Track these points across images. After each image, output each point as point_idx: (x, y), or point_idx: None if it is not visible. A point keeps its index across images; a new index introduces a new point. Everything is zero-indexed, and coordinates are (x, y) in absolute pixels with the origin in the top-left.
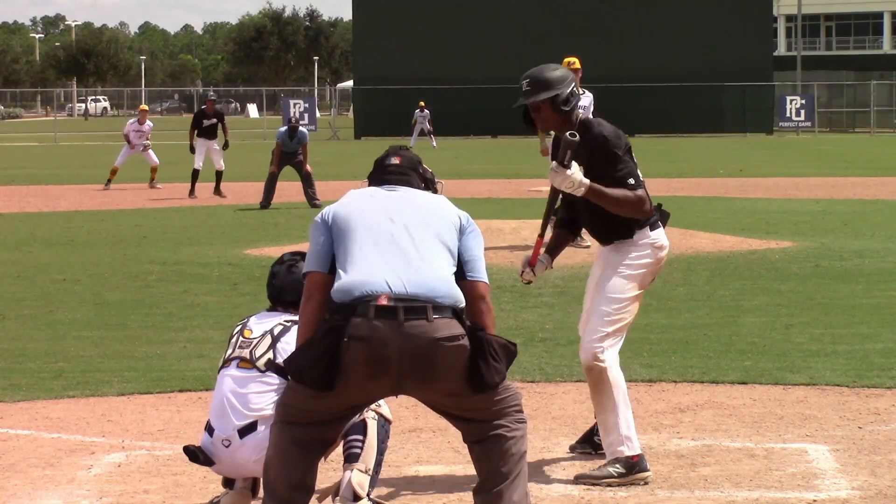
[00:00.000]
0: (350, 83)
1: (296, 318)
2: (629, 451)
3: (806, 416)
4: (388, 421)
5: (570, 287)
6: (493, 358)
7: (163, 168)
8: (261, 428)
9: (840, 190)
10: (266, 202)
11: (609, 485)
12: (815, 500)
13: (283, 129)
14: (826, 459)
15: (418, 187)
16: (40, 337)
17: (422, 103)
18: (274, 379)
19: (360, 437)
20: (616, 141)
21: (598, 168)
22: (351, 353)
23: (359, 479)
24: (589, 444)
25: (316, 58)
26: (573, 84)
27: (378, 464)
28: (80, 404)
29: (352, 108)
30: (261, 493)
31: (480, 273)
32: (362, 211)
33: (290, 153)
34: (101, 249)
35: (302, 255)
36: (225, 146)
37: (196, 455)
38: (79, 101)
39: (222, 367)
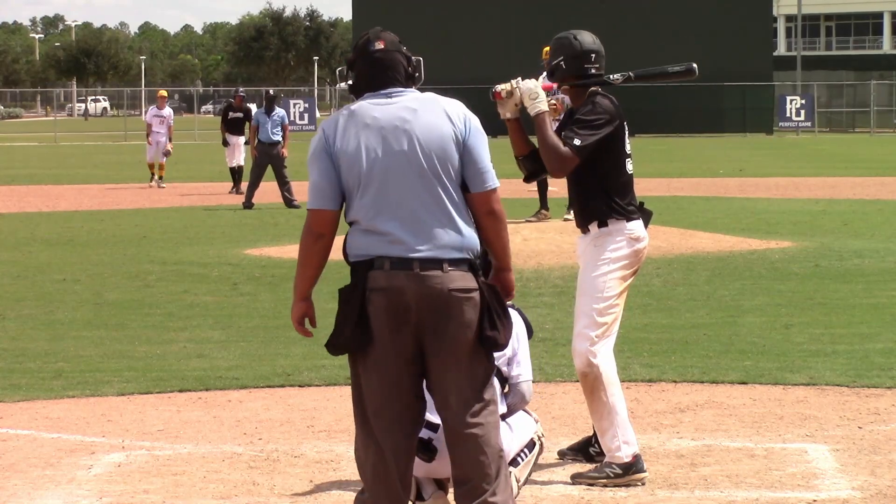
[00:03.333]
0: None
1: None
2: (625, 452)
3: (806, 416)
4: (542, 446)
5: (569, 287)
6: (497, 316)
7: (167, 167)
8: None
9: (840, 190)
10: (249, 203)
11: (605, 485)
12: (815, 500)
13: (261, 108)
14: (826, 459)
15: (403, 72)
16: (40, 337)
17: None
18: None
19: (528, 452)
20: (589, 108)
21: (567, 121)
22: (373, 306)
23: (513, 483)
24: (583, 453)
25: (316, 58)
26: (560, 57)
27: (524, 481)
28: (80, 404)
29: None
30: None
31: (483, 182)
32: (365, 154)
33: (269, 143)
34: (101, 249)
35: None
36: (247, 142)
37: (427, 446)
38: (79, 101)
39: None
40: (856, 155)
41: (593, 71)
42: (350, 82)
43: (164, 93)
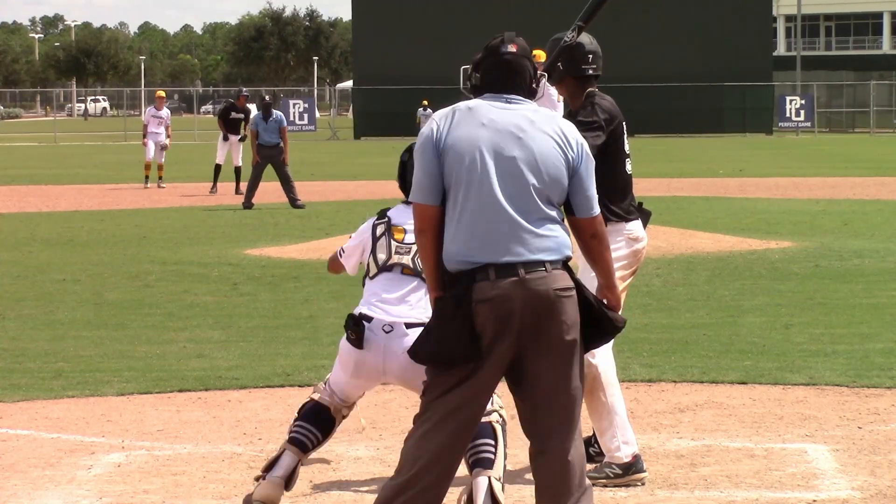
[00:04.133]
0: (350, 83)
1: None
2: (625, 452)
3: (806, 416)
4: (506, 422)
5: None
6: (603, 308)
7: (165, 167)
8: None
9: (840, 190)
10: (248, 202)
11: (605, 485)
12: (815, 500)
13: (258, 113)
14: (826, 459)
15: (528, 80)
16: (40, 337)
17: (426, 102)
18: None
19: (492, 442)
20: (589, 110)
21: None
22: (481, 317)
23: (497, 487)
24: None
25: (316, 58)
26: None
27: (504, 469)
28: (80, 404)
29: (352, 108)
30: (294, 487)
31: (591, 209)
32: (476, 151)
33: (269, 146)
34: (101, 249)
35: None
36: (242, 139)
37: (359, 323)
38: (78, 101)
39: (381, 270)
40: (856, 155)
41: (591, 71)
42: (471, 83)
43: (162, 93)
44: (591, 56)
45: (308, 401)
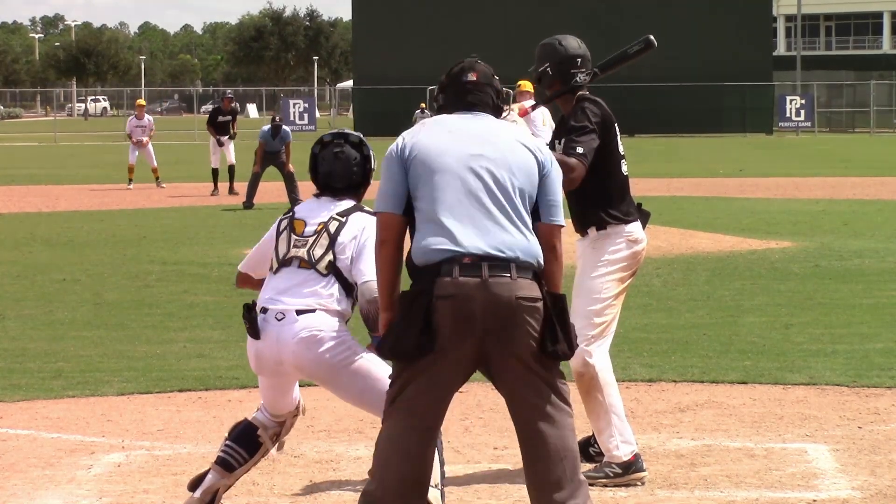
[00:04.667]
0: (350, 83)
1: (347, 206)
2: (624, 451)
3: (806, 416)
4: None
5: (567, 288)
6: (560, 328)
7: (165, 168)
8: (319, 313)
9: (840, 190)
10: (249, 202)
11: (605, 485)
12: (815, 500)
13: (266, 127)
14: (826, 459)
15: (492, 103)
16: (40, 337)
17: (423, 105)
18: (334, 282)
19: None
20: (581, 114)
21: (560, 129)
22: (439, 313)
23: (434, 495)
24: (583, 453)
25: (316, 58)
26: (546, 63)
27: (443, 476)
28: (80, 404)
29: (352, 108)
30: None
31: (553, 214)
32: (443, 153)
33: (273, 153)
34: (101, 249)
35: (345, 136)
36: (232, 137)
37: (251, 311)
38: (78, 101)
39: (280, 266)
40: (856, 155)
41: (580, 76)
42: (437, 103)
43: (142, 102)
44: (579, 60)
45: (241, 420)
